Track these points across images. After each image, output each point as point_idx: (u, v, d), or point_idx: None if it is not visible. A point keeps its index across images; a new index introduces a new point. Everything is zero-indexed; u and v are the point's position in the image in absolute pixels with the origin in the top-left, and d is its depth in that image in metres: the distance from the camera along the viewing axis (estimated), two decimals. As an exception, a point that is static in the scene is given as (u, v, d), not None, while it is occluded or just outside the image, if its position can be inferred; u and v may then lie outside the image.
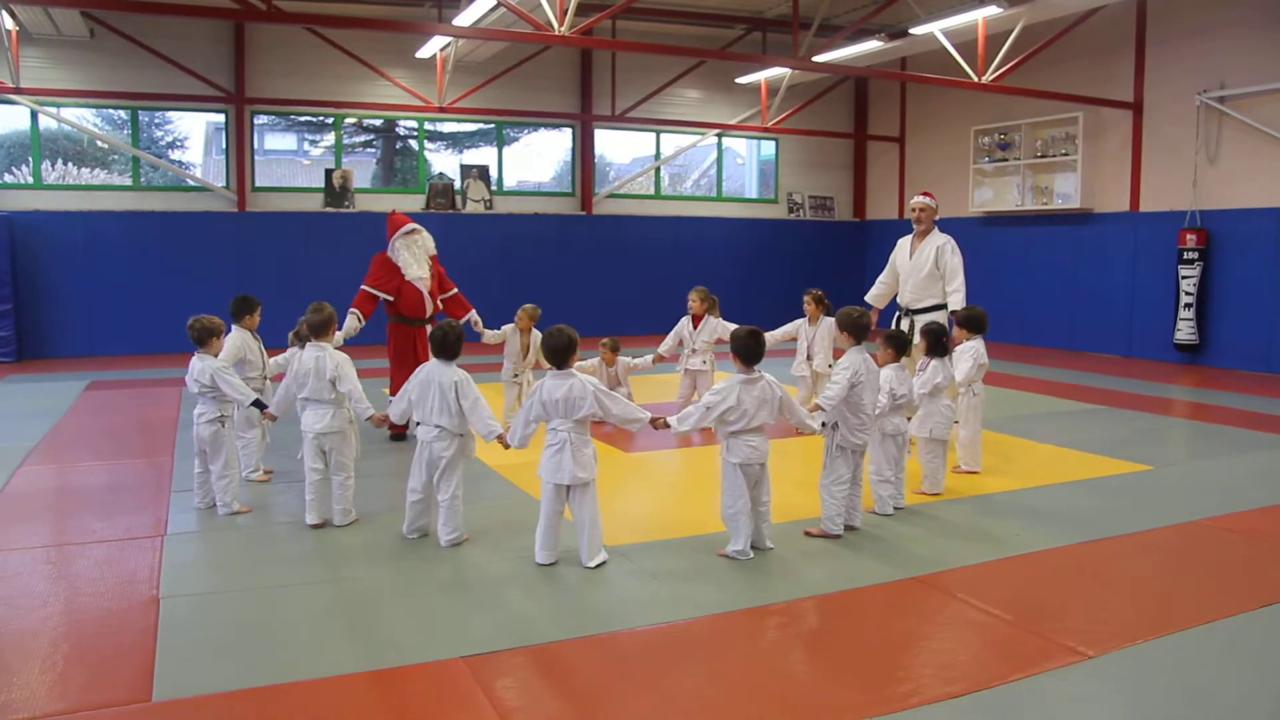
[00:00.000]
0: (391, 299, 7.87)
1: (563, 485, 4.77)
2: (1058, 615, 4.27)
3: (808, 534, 5.35)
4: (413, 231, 7.97)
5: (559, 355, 4.90)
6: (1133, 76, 13.84)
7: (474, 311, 8.33)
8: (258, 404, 5.84)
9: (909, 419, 6.00)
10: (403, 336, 7.96)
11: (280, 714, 3.37)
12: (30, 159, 13.72)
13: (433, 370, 5.15)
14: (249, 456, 6.52)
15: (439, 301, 8.13)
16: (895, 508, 5.82)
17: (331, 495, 5.54)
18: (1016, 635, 4.06)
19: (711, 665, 3.79)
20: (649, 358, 8.61)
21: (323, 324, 5.61)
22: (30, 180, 13.71)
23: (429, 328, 7.92)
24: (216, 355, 5.82)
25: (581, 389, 4.75)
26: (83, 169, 14.36)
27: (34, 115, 13.52)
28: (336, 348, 5.71)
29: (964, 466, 6.79)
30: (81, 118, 14.06)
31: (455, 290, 8.34)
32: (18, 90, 12.76)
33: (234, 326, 6.49)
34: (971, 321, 6.76)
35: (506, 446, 5.02)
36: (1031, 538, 5.39)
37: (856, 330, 5.48)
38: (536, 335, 8.85)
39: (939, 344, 6.23)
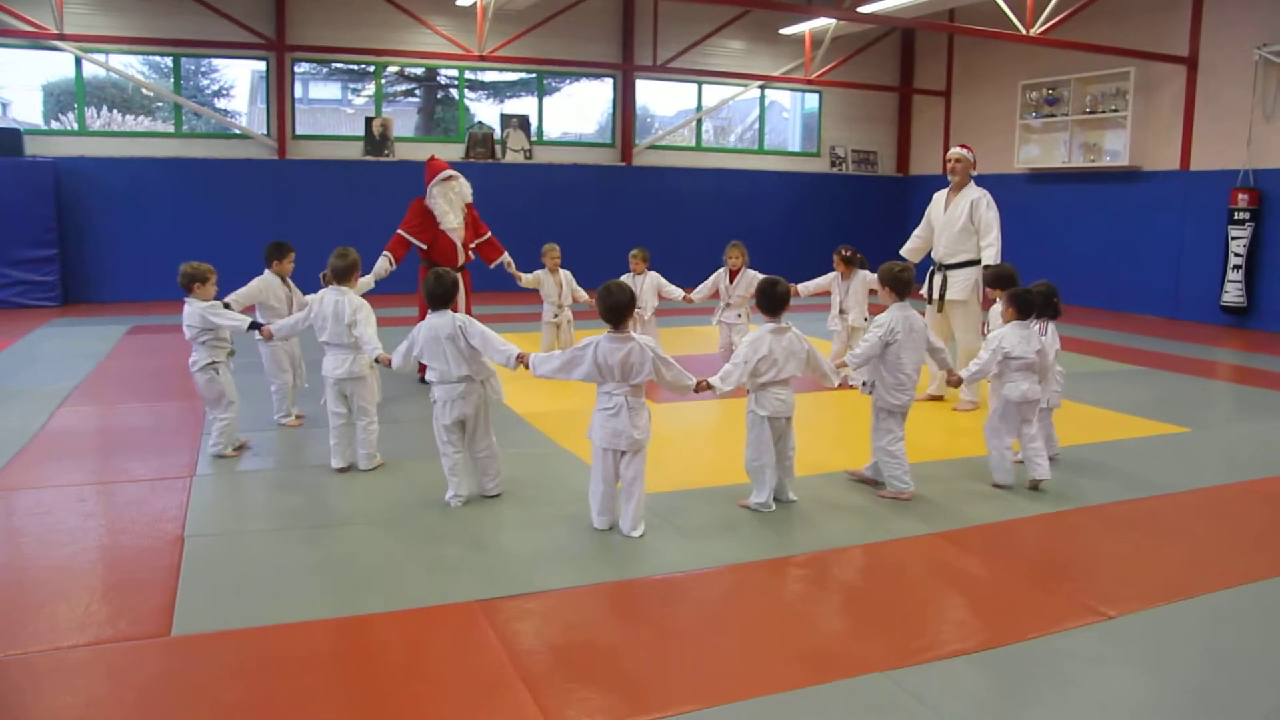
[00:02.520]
0: (426, 247, 7.90)
1: (618, 450, 4.60)
2: (1081, 575, 4.23)
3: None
4: (450, 178, 7.95)
5: (618, 313, 4.58)
6: (1188, 30, 13.37)
7: (507, 254, 8.38)
8: (254, 325, 5.86)
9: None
10: (433, 283, 8.00)
11: (296, 652, 3.42)
12: (75, 106, 13.85)
13: (433, 324, 4.91)
14: (281, 401, 6.62)
15: (470, 251, 8.13)
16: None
17: (355, 440, 5.59)
18: (1038, 593, 4.02)
19: (730, 616, 3.79)
20: (680, 294, 8.66)
21: (346, 269, 5.63)
22: (75, 127, 13.84)
23: (459, 276, 7.98)
24: (205, 301, 5.80)
25: (640, 353, 4.51)
26: (127, 116, 14.46)
27: (78, 62, 13.62)
28: (368, 290, 5.69)
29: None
30: (127, 64, 14.14)
31: (489, 234, 8.35)
32: (62, 36, 12.83)
33: (266, 270, 6.58)
34: (1002, 279, 6.24)
35: (527, 367, 4.75)
36: (1061, 497, 5.32)
37: (899, 285, 5.34)
38: (564, 274, 8.85)
39: (1050, 305, 5.82)
